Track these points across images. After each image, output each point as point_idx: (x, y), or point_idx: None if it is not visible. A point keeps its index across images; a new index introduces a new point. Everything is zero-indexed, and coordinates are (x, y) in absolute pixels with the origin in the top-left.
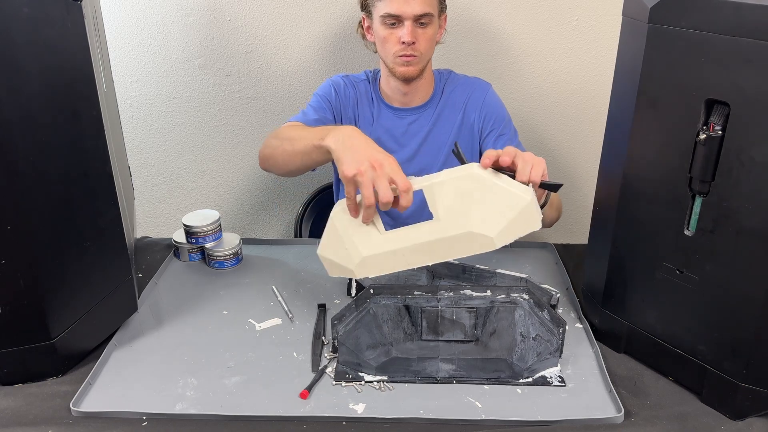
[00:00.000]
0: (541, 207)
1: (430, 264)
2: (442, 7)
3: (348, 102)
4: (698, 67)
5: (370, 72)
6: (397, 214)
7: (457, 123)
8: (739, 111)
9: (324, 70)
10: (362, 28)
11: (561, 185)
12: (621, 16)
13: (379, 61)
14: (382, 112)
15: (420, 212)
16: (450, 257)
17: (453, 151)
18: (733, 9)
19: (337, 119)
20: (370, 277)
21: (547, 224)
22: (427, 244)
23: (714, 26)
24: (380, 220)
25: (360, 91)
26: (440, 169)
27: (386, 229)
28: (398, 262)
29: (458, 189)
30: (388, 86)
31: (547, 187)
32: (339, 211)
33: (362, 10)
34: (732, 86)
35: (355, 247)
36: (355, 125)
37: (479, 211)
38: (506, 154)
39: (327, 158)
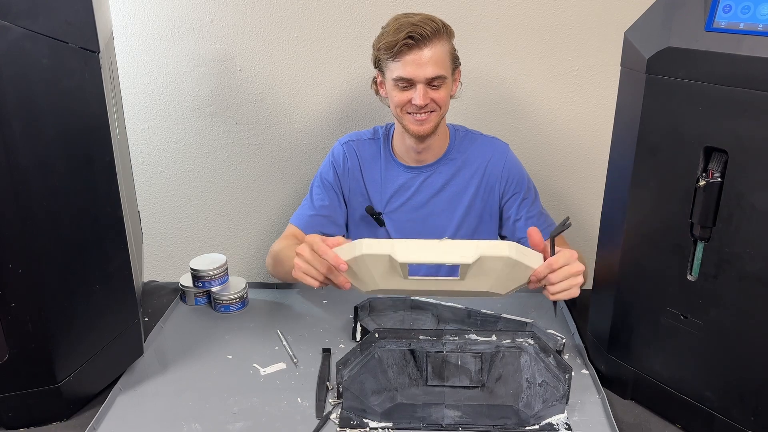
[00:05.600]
0: None
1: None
2: (455, 65)
3: (351, 172)
4: (696, 116)
5: (382, 128)
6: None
7: (475, 186)
8: (737, 158)
9: (332, 119)
10: (376, 84)
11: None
12: (620, 67)
13: (393, 117)
14: (393, 170)
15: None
16: (456, 297)
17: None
18: (727, 60)
19: (345, 191)
20: (377, 295)
21: None
22: (443, 292)
23: (710, 77)
24: (407, 268)
25: (363, 156)
26: (456, 229)
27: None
28: (407, 293)
29: (489, 263)
30: (402, 144)
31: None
32: (365, 256)
33: (375, 67)
34: (729, 134)
35: (374, 281)
36: (364, 189)
37: (501, 280)
38: (553, 272)
39: None
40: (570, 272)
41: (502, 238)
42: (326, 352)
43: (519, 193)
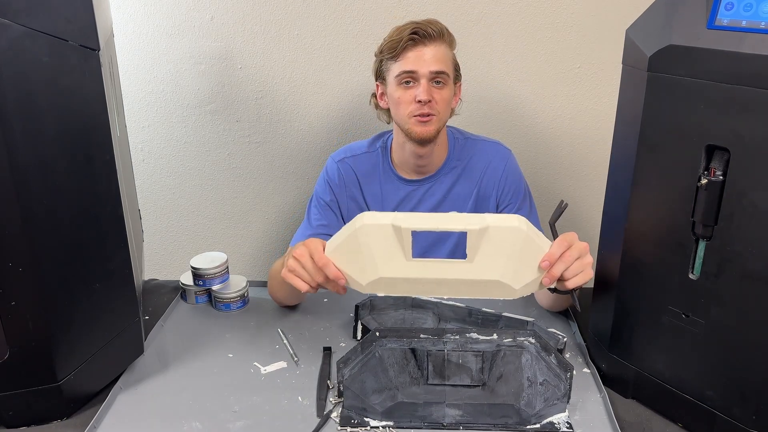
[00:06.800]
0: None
1: (445, 297)
2: (457, 74)
3: (349, 189)
4: (697, 114)
5: (380, 140)
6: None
7: (474, 194)
8: (739, 156)
9: (334, 116)
10: (375, 97)
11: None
12: (621, 65)
13: (393, 129)
14: (393, 183)
15: (433, 248)
16: (467, 296)
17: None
18: (729, 58)
19: (342, 208)
20: (378, 294)
21: (558, 307)
22: (450, 281)
23: (712, 75)
24: (410, 243)
25: (361, 171)
26: (458, 239)
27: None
28: (413, 289)
29: (498, 237)
30: (402, 155)
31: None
32: (366, 226)
33: (376, 79)
34: (731, 132)
35: (374, 264)
36: (364, 204)
37: (512, 262)
38: (563, 261)
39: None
40: (579, 252)
41: None
42: (327, 350)
43: (514, 203)
